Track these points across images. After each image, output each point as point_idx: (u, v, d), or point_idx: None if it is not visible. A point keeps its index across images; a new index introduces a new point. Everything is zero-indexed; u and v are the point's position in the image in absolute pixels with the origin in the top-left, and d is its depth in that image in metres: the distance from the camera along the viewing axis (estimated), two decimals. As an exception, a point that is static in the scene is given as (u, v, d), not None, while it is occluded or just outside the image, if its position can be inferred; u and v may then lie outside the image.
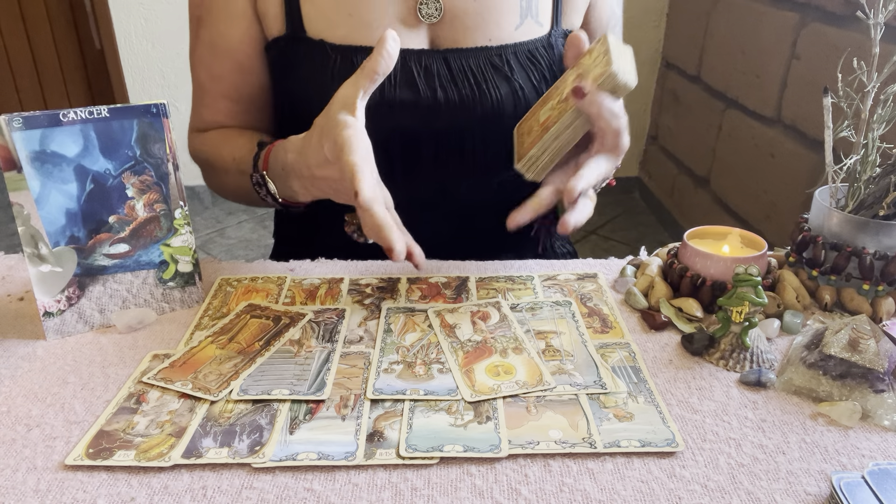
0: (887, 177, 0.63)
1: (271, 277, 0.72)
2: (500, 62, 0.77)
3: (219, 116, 0.84)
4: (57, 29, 3.15)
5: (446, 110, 0.75)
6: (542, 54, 0.80)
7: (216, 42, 0.80)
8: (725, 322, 0.59)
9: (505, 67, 0.77)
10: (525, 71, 0.78)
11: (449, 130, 0.76)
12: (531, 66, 0.79)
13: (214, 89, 0.82)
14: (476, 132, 0.77)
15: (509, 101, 0.77)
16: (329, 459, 0.47)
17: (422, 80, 0.75)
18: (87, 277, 0.62)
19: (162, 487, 0.45)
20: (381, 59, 0.61)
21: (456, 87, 0.76)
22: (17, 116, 0.56)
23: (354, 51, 0.74)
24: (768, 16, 2.04)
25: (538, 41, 0.80)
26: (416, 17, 0.76)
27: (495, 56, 0.77)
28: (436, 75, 0.76)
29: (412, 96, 0.75)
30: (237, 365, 0.57)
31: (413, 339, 0.61)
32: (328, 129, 0.61)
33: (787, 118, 1.95)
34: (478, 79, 0.76)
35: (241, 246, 2.80)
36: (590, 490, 0.45)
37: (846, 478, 0.44)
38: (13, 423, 0.51)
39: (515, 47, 0.78)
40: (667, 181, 2.92)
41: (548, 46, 0.81)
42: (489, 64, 0.77)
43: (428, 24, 0.76)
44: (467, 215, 0.79)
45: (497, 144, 0.77)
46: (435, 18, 0.76)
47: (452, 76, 0.76)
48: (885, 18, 0.62)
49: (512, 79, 0.77)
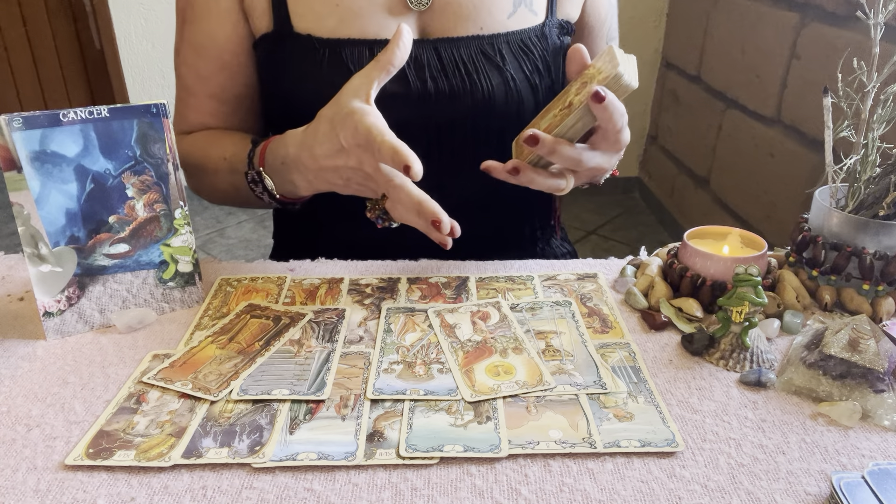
0: (887, 177, 0.63)
1: (271, 277, 0.72)
2: (492, 52, 0.76)
3: (205, 118, 0.82)
4: (57, 29, 3.15)
5: (437, 101, 0.75)
6: (534, 44, 0.78)
7: (202, 42, 0.78)
8: (725, 322, 0.59)
9: (497, 57, 0.76)
10: (517, 60, 0.77)
11: (440, 122, 0.76)
12: (523, 56, 0.78)
13: (201, 90, 0.81)
14: (468, 123, 0.76)
15: (501, 92, 0.76)
16: (329, 459, 0.47)
17: (412, 71, 0.74)
18: (87, 277, 0.62)
19: (162, 487, 0.45)
20: (397, 50, 0.61)
21: (447, 77, 0.75)
22: (17, 116, 0.56)
23: (342, 44, 0.74)
24: (768, 16, 2.04)
25: (531, 30, 0.79)
26: (405, 6, 0.75)
27: (487, 45, 0.76)
28: (426, 66, 0.75)
29: (402, 88, 0.74)
30: (237, 365, 0.57)
31: (413, 339, 0.61)
32: (341, 118, 0.61)
33: (787, 118, 1.95)
34: (469, 69, 0.75)
35: (241, 246, 2.81)
36: (590, 490, 0.45)
37: (846, 478, 0.44)
38: (13, 423, 0.51)
39: (508, 36, 0.77)
40: (667, 181, 2.92)
41: (541, 36, 0.79)
42: (481, 53, 0.76)
43: (417, 11, 0.75)
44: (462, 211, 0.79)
45: (489, 135, 0.76)
46: (424, 6, 0.75)
47: (443, 66, 0.75)
48: (885, 18, 0.62)
49: (504, 69, 0.76)
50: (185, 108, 0.83)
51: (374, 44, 0.74)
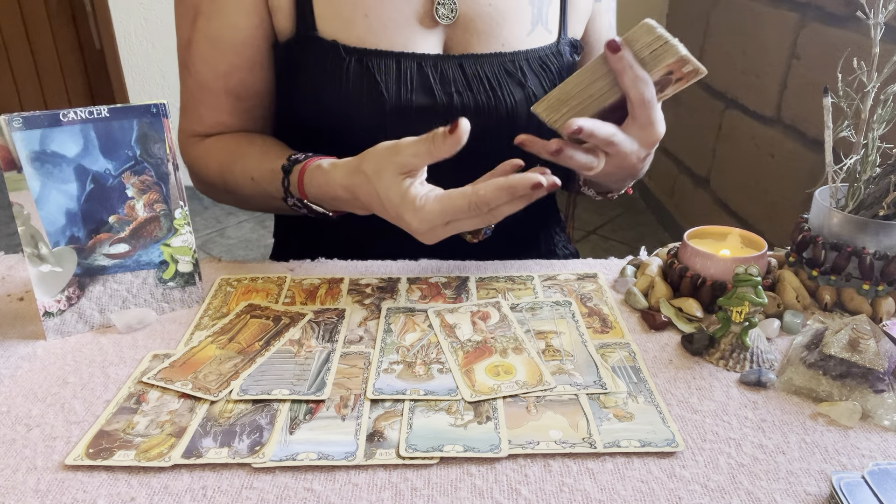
0: (887, 177, 0.63)
1: (271, 277, 0.72)
2: (514, 68, 0.78)
3: (223, 116, 0.80)
4: (57, 29, 3.15)
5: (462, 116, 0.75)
6: (551, 61, 0.80)
7: (222, 35, 0.75)
8: (725, 322, 0.59)
9: (518, 73, 0.78)
10: (537, 77, 0.79)
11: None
12: (543, 73, 0.79)
13: (218, 86, 0.78)
14: (493, 138, 0.76)
15: (523, 108, 0.77)
16: (329, 459, 0.47)
17: (437, 86, 0.75)
18: (87, 277, 0.62)
19: (162, 487, 0.45)
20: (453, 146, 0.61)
21: (471, 92, 0.76)
22: (17, 116, 0.56)
23: (369, 54, 0.73)
24: (768, 16, 2.04)
25: (548, 48, 0.80)
26: (432, 19, 0.75)
27: (508, 62, 0.78)
28: (451, 80, 0.76)
29: (429, 101, 0.75)
30: (237, 365, 0.57)
31: (413, 339, 0.61)
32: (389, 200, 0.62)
33: (787, 118, 1.95)
34: (493, 84, 0.76)
35: (241, 246, 2.80)
36: (590, 490, 0.45)
37: (846, 478, 0.44)
38: (13, 423, 0.51)
39: (527, 54, 0.79)
40: (667, 181, 2.92)
41: (556, 54, 0.81)
42: (503, 70, 0.77)
43: (443, 25, 0.76)
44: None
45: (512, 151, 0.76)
46: (449, 20, 0.76)
47: (468, 81, 0.76)
48: (885, 18, 0.62)
49: (526, 85, 0.78)
50: (199, 106, 0.80)
51: (402, 56, 0.74)
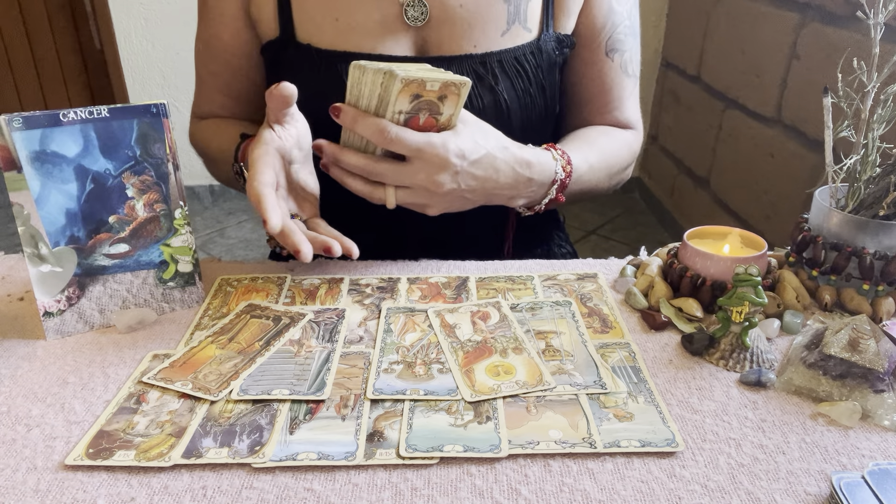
0: (887, 177, 0.63)
1: (271, 277, 0.72)
2: (485, 71, 0.77)
3: (214, 108, 0.88)
4: (57, 29, 3.15)
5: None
6: (528, 61, 0.78)
7: (210, 42, 0.83)
8: (725, 322, 0.59)
9: (489, 77, 0.77)
10: (510, 79, 0.78)
11: None
12: (516, 75, 0.78)
13: (210, 83, 0.86)
14: None
15: (492, 112, 0.76)
16: (329, 459, 0.47)
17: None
18: (87, 277, 0.62)
19: (162, 487, 0.45)
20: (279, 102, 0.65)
21: None
22: (17, 116, 0.56)
23: (338, 56, 0.75)
24: (768, 16, 2.04)
25: (525, 47, 0.79)
26: (402, 21, 0.75)
27: (479, 65, 0.77)
28: None
29: None
30: (237, 365, 0.57)
31: (413, 339, 0.61)
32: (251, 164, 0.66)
33: (787, 118, 1.95)
34: None
35: (241, 246, 2.80)
36: (590, 490, 0.45)
37: (846, 478, 0.44)
38: (13, 423, 0.51)
39: (501, 55, 0.77)
40: (667, 181, 2.92)
41: (536, 52, 0.79)
42: (473, 73, 0.76)
43: (413, 27, 0.76)
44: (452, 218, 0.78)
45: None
46: (420, 22, 0.75)
47: None
48: (885, 18, 0.62)
49: (496, 89, 0.77)
50: (198, 97, 0.89)
51: (370, 58, 0.74)
